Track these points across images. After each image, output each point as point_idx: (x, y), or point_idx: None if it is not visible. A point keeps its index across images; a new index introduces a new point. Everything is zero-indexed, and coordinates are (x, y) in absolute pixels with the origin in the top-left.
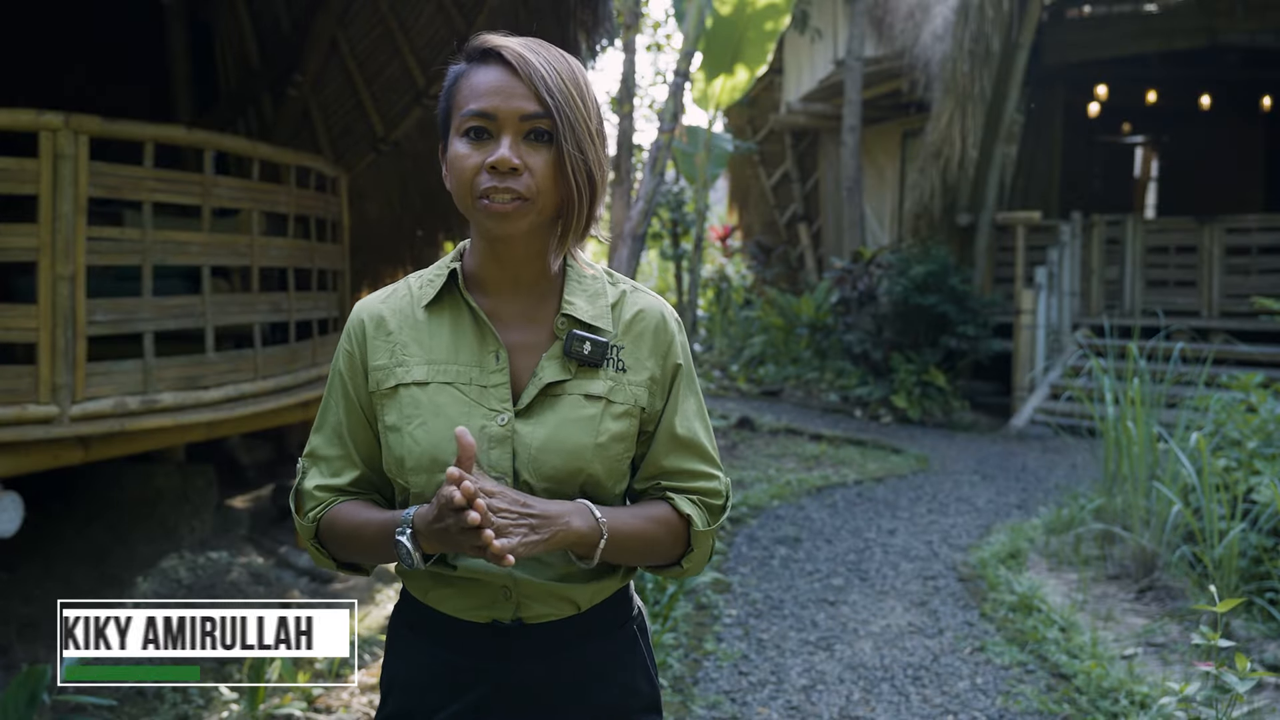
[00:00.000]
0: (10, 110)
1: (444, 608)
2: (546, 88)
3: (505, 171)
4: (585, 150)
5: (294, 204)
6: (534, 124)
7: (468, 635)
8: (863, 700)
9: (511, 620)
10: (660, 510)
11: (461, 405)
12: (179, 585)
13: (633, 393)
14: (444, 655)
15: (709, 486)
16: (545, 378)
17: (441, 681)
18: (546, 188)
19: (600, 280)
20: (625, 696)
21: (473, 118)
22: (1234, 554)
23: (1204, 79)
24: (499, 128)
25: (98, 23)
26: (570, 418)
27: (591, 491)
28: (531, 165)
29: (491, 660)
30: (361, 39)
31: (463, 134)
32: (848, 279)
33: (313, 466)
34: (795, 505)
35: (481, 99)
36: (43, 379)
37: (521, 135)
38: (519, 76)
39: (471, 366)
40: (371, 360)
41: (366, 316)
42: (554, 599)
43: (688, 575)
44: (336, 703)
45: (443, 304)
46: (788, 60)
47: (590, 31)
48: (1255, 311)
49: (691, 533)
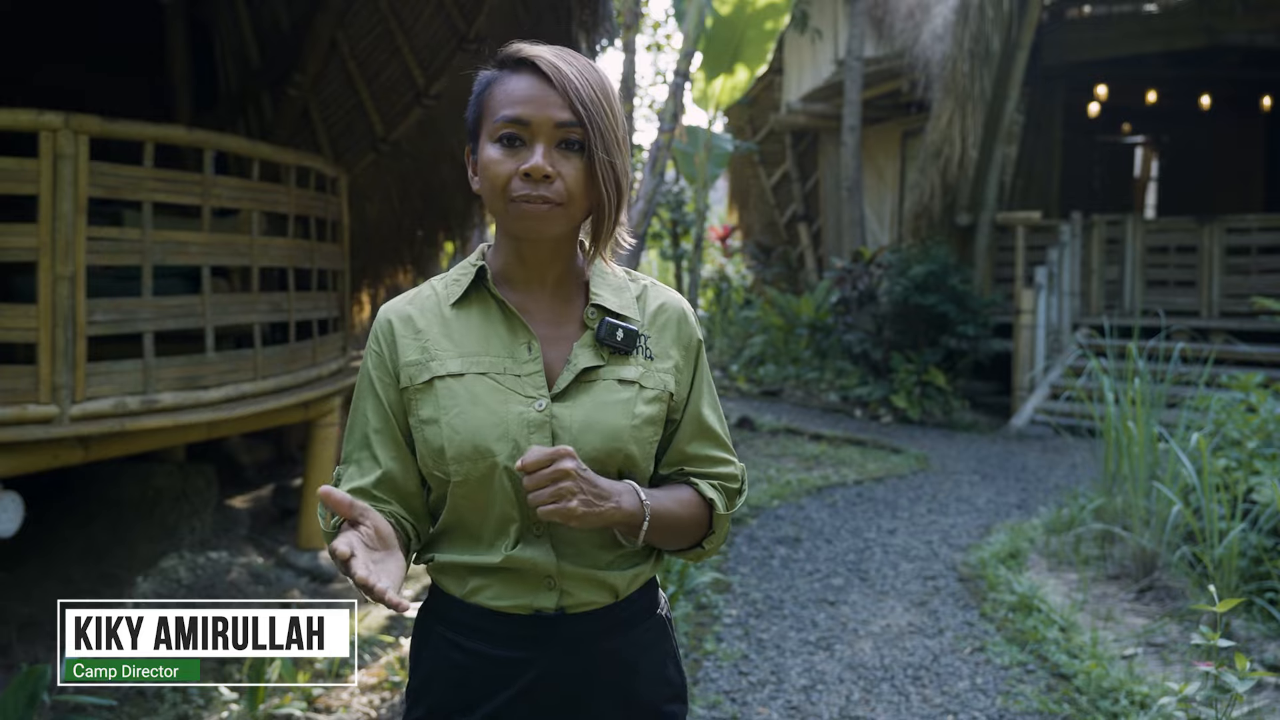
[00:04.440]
0: (10, 110)
1: (485, 600)
2: (579, 97)
3: (539, 179)
4: (614, 158)
5: (294, 204)
6: (567, 133)
7: (510, 628)
8: (863, 700)
9: (555, 609)
10: (686, 494)
11: (498, 394)
12: (179, 585)
13: (661, 379)
14: (482, 649)
15: (728, 472)
16: (580, 363)
17: (480, 676)
18: (578, 194)
19: (621, 276)
20: (658, 686)
21: (506, 124)
22: (1234, 554)
23: (1204, 79)
24: (532, 135)
25: (98, 22)
26: (606, 400)
27: (627, 472)
28: (564, 172)
29: (534, 651)
30: (361, 39)
31: (496, 140)
32: (848, 279)
33: (344, 472)
34: (795, 505)
35: (515, 106)
36: (43, 379)
37: (554, 143)
38: (552, 85)
39: (504, 358)
40: (403, 358)
41: (394, 317)
42: (595, 586)
43: (706, 557)
44: (336, 703)
45: (470, 301)
46: (788, 60)
47: (590, 31)
48: (1255, 311)
49: (714, 516)
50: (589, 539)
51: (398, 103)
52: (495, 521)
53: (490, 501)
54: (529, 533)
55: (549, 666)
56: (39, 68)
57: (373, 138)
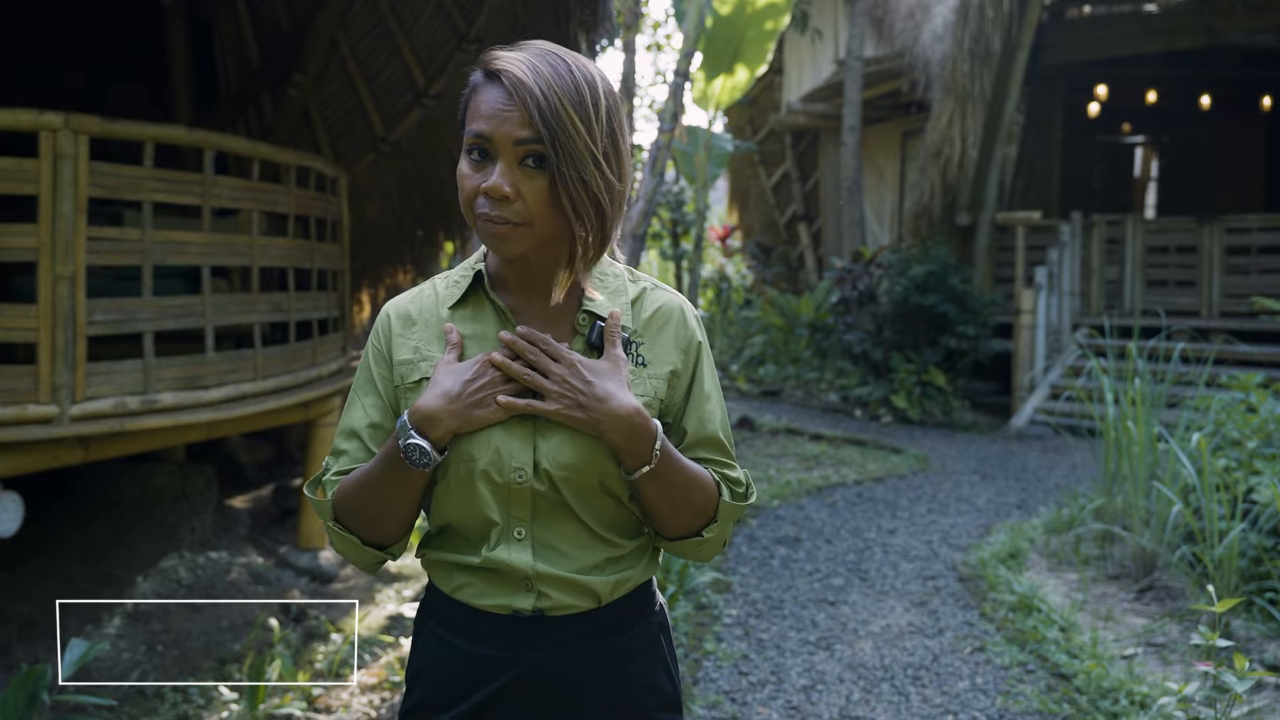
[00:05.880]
0: (10, 110)
1: (468, 597)
2: (540, 114)
3: (497, 199)
4: (586, 175)
5: (294, 204)
6: (529, 149)
7: (490, 626)
8: (863, 700)
9: (532, 611)
10: (700, 468)
11: None
12: (179, 585)
13: (653, 386)
14: (466, 646)
15: (731, 475)
16: None
17: (463, 673)
18: (540, 214)
19: (621, 278)
20: (645, 694)
21: (473, 139)
22: (1234, 554)
23: (1204, 79)
24: (495, 150)
25: (98, 23)
26: None
27: (610, 479)
28: (524, 192)
29: (514, 651)
30: (361, 39)
31: (466, 152)
32: (848, 279)
33: (335, 459)
34: (795, 505)
35: (479, 121)
36: (43, 379)
37: (517, 160)
38: (514, 100)
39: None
40: (396, 355)
41: (394, 313)
42: (574, 590)
43: (705, 552)
44: (336, 703)
45: (467, 304)
46: (788, 60)
47: (590, 31)
48: (1255, 311)
49: (720, 503)
50: (571, 542)
51: (398, 103)
52: (478, 523)
53: (470, 503)
54: (509, 535)
55: (531, 666)
56: (39, 70)
57: (373, 138)
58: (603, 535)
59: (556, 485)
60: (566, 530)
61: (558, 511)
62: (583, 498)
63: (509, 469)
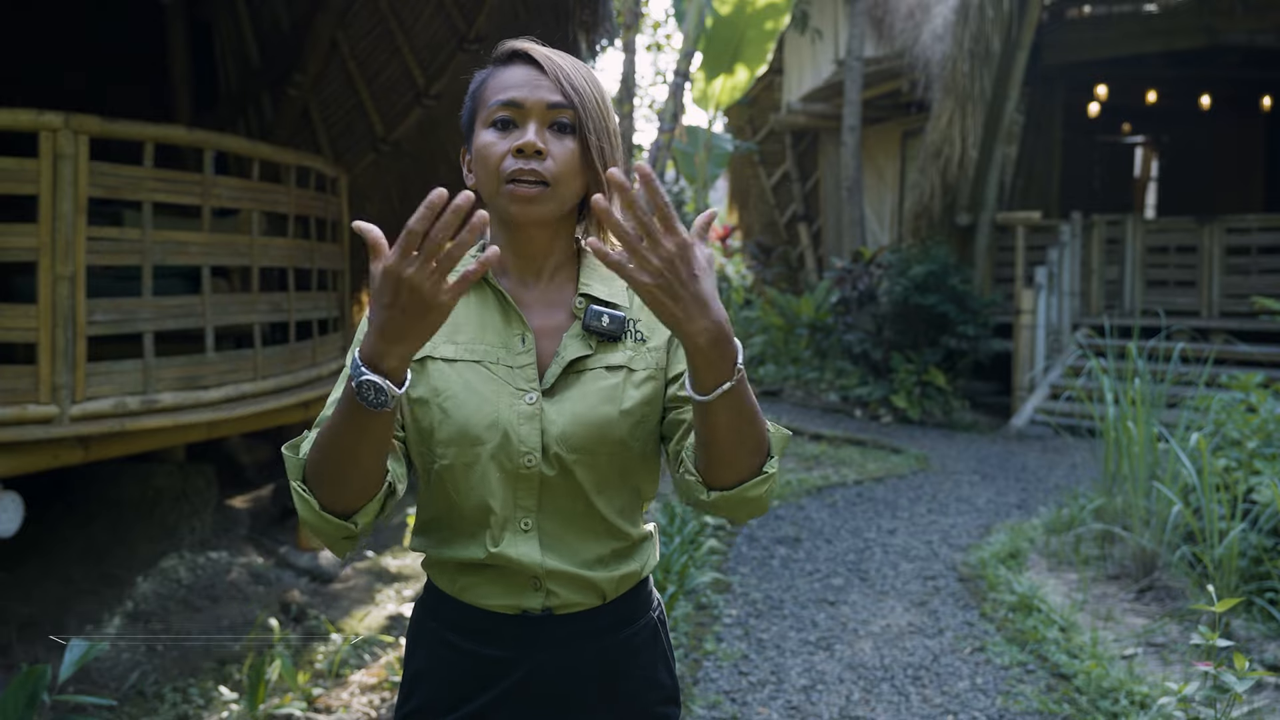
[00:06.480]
0: (10, 110)
1: (473, 598)
2: (570, 82)
3: (531, 154)
4: (605, 144)
5: (294, 204)
6: (558, 114)
7: (496, 626)
8: (863, 700)
9: (541, 611)
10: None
11: (491, 383)
12: (179, 585)
13: (655, 358)
14: (471, 647)
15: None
16: (568, 355)
17: (468, 674)
18: (567, 174)
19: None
20: (647, 688)
21: (500, 108)
22: (1234, 554)
23: (1204, 79)
24: (525, 116)
25: (98, 23)
26: (592, 390)
27: (620, 458)
28: (554, 152)
29: (519, 651)
30: (361, 39)
31: (490, 124)
32: (848, 279)
33: (318, 427)
34: (795, 505)
35: (509, 90)
36: (43, 379)
37: (546, 124)
38: (544, 71)
39: (498, 348)
40: None
41: None
42: (582, 587)
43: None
44: (336, 703)
45: (469, 289)
46: (788, 60)
47: (590, 31)
48: (1255, 311)
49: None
50: (577, 532)
51: (398, 103)
52: (474, 510)
53: (471, 487)
54: (515, 526)
55: (536, 666)
56: (39, 70)
57: (373, 138)
58: (611, 522)
59: (567, 469)
60: (573, 519)
61: (564, 499)
62: (594, 479)
63: (518, 453)
